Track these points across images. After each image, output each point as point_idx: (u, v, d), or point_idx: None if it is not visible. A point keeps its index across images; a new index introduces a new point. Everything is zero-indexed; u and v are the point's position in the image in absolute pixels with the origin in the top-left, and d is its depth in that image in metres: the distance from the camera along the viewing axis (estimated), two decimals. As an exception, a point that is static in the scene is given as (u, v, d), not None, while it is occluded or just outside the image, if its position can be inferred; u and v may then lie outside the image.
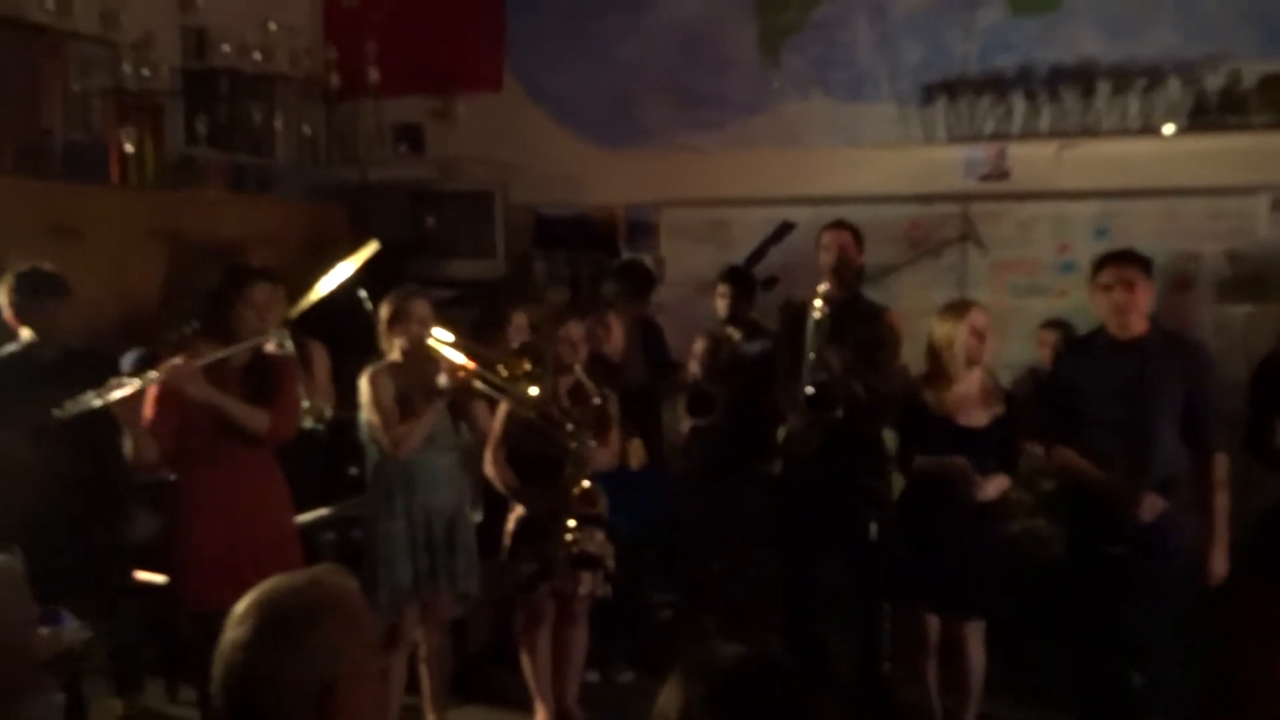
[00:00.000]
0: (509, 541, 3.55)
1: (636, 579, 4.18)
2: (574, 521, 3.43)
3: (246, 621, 1.36)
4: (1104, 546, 3.14)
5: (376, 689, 1.46)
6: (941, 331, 3.39)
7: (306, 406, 3.39)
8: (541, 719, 3.64)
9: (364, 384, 3.41)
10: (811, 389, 3.72)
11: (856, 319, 3.88)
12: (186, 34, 4.94)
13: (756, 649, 1.27)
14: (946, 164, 4.85)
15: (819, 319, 3.73)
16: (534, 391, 3.35)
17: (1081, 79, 4.64)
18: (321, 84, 5.49)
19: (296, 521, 3.50)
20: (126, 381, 3.02)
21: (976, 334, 3.34)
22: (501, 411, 3.54)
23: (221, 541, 3.17)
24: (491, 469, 3.55)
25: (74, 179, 4.31)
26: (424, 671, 3.59)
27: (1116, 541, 3.10)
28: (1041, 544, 3.94)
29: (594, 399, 3.51)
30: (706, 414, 4.23)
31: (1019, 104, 4.72)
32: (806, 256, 4.23)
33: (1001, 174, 4.82)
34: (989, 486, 3.29)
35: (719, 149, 5.20)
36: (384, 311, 3.47)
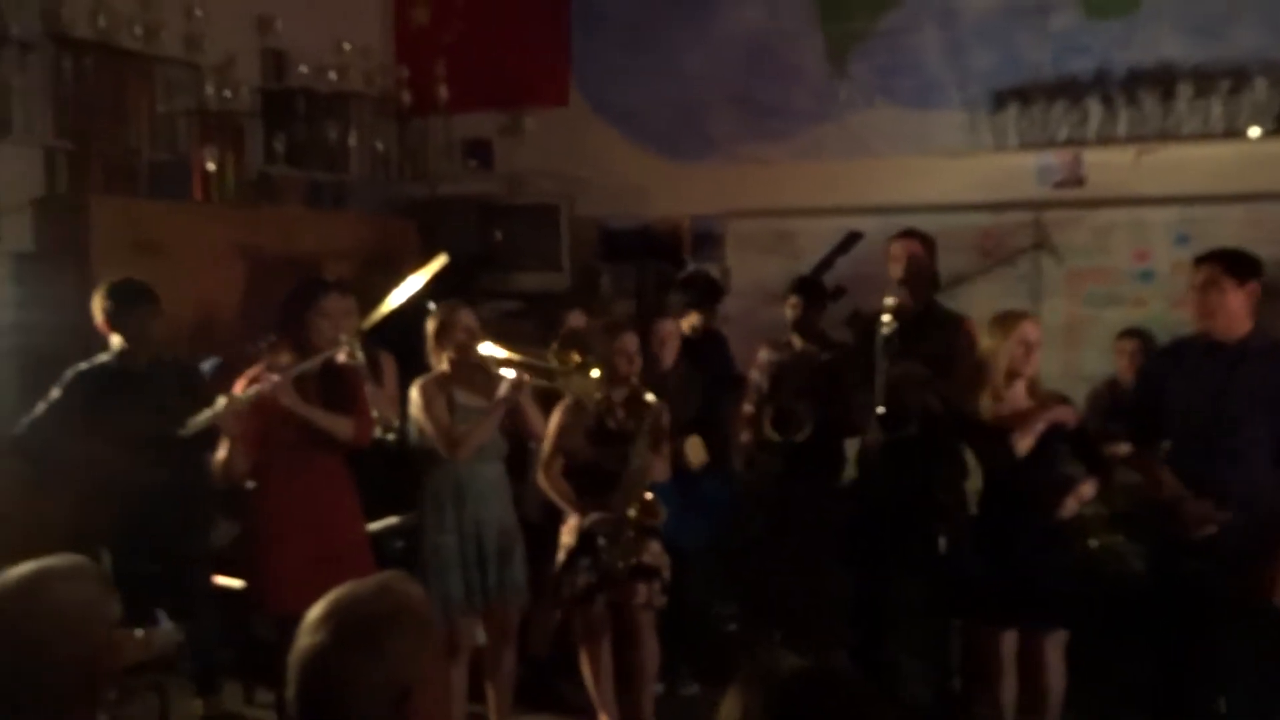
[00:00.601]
0: (564, 553, 3.56)
1: (702, 591, 4.16)
2: (634, 534, 3.43)
3: (324, 627, 1.39)
4: (1185, 565, 3.03)
5: (445, 695, 1.48)
6: (989, 342, 3.32)
7: (376, 416, 3.46)
8: (604, 729, 3.65)
9: (414, 395, 3.47)
10: (883, 409, 3.66)
11: (932, 328, 3.81)
12: (266, 56, 5.11)
13: (819, 662, 1.25)
14: (1019, 171, 4.76)
15: (887, 334, 3.67)
16: (596, 374, 3.36)
17: (1161, 82, 4.51)
18: (393, 102, 5.62)
19: (367, 529, 3.58)
20: (232, 398, 3.14)
21: (1025, 346, 3.26)
22: (554, 423, 3.56)
23: (301, 547, 3.26)
24: (546, 481, 3.56)
25: (159, 196, 4.49)
26: (490, 680, 3.62)
27: (1198, 559, 2.99)
28: (1119, 561, 3.82)
29: (649, 410, 3.50)
30: (795, 432, 4.19)
31: (1095, 109, 4.61)
32: (874, 266, 4.18)
33: (1077, 180, 4.71)
34: (1072, 502, 3.20)
35: (785, 159, 5.17)
36: (430, 324, 3.53)
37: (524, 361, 3.47)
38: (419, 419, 3.46)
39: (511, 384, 3.38)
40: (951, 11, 4.90)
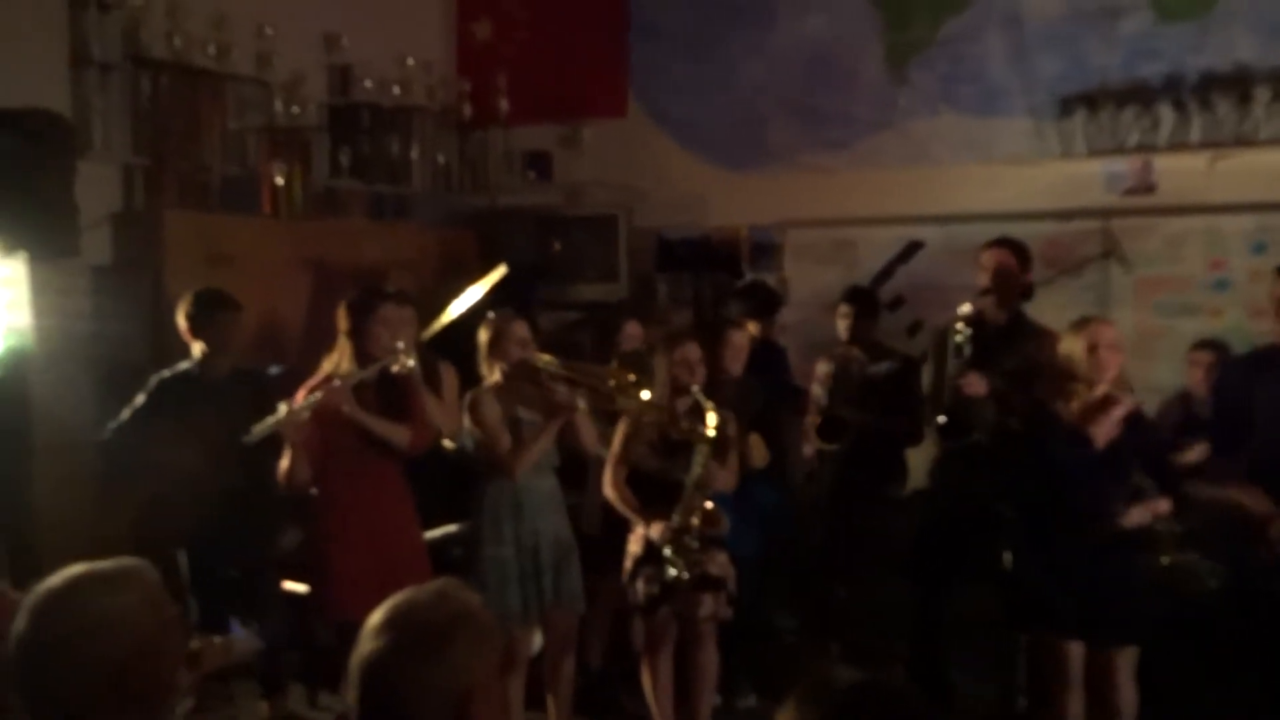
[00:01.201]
0: (630, 563, 3.56)
1: (761, 602, 4.13)
2: (698, 544, 3.42)
3: (385, 633, 1.41)
4: (1265, 584, 2.92)
5: (503, 702, 1.49)
6: (1063, 348, 3.25)
7: (436, 426, 3.51)
8: (663, 740, 3.64)
9: (468, 407, 3.50)
10: (944, 418, 3.60)
11: (1018, 341, 3.73)
12: (332, 72, 5.23)
13: (876, 676, 1.24)
14: (1086, 178, 4.66)
15: (959, 341, 3.61)
16: (646, 395, 3.36)
17: (1236, 85, 4.38)
18: (454, 115, 5.71)
19: (425, 537, 3.62)
20: (296, 404, 3.21)
21: (1095, 350, 3.18)
22: (621, 431, 3.57)
23: (361, 554, 3.32)
24: (611, 490, 3.57)
25: (230, 210, 4.62)
26: (549, 689, 3.64)
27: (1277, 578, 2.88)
28: (1193, 579, 3.69)
29: (711, 420, 3.49)
30: (838, 439, 4.15)
31: (1166, 114, 4.49)
32: (936, 276, 4.12)
33: (1147, 188, 4.59)
34: (1138, 514, 3.11)
35: (845, 168, 5.13)
36: (483, 336, 3.55)
37: (576, 378, 3.48)
38: (473, 431, 3.50)
39: (564, 403, 3.40)
40: (1016, 17, 4.81)
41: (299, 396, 3.32)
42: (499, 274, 4.48)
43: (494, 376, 3.53)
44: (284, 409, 3.20)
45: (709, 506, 3.43)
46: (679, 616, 3.53)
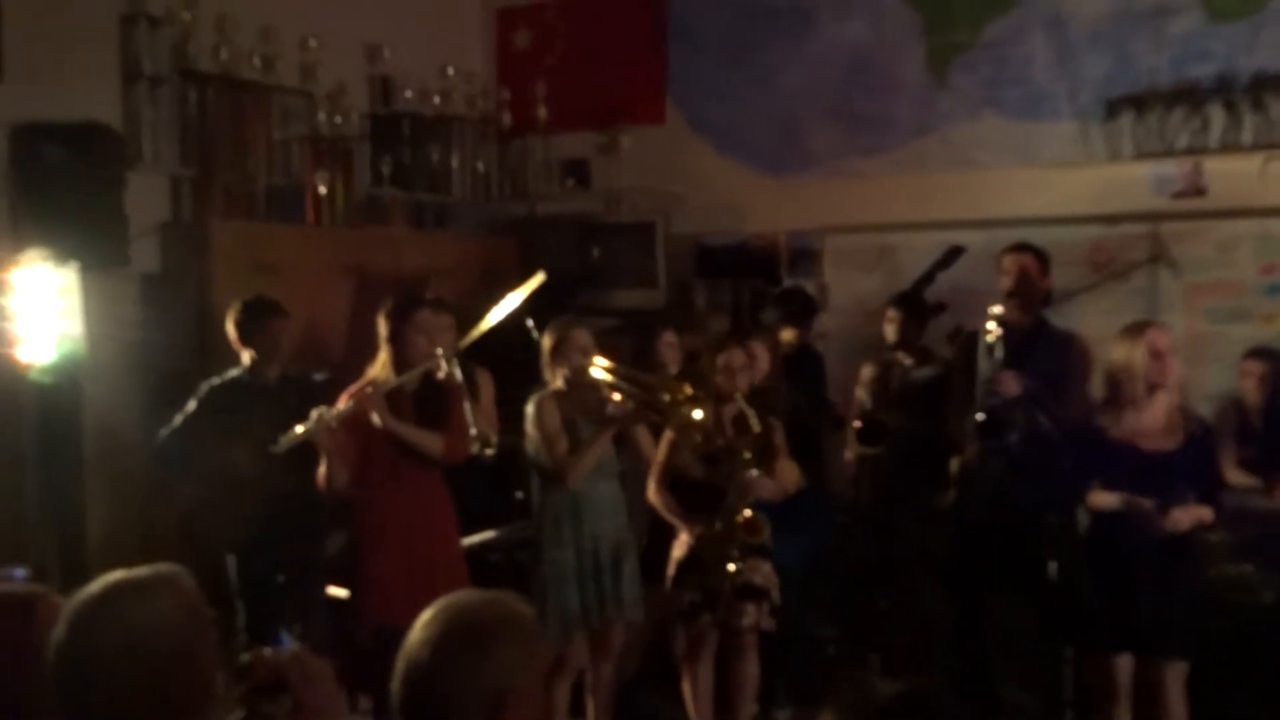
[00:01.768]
0: (673, 569, 3.56)
1: (801, 613, 4.09)
2: (738, 552, 3.40)
3: (434, 626, 1.44)
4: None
5: (543, 712, 1.50)
6: (1119, 354, 3.19)
7: (475, 434, 3.53)
8: (701, 749, 3.62)
9: (530, 412, 3.52)
10: (982, 415, 3.57)
11: (1041, 346, 3.69)
12: (373, 82, 5.30)
13: (914, 688, 1.22)
14: (1133, 182, 4.57)
15: (992, 341, 3.58)
16: (698, 415, 3.36)
17: (1290, 86, 4.28)
18: (494, 123, 5.74)
19: (464, 543, 3.64)
20: (325, 413, 3.24)
21: (1156, 355, 3.11)
22: (666, 437, 3.57)
23: (400, 560, 3.34)
24: (655, 496, 3.58)
25: (275, 220, 4.69)
26: (591, 698, 3.64)
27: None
28: (1247, 591, 3.60)
29: (756, 427, 3.48)
30: (878, 442, 4.11)
31: (1217, 115, 4.40)
32: (977, 282, 4.07)
33: (1197, 190, 4.49)
34: (1181, 517, 3.04)
35: (885, 173, 5.08)
36: (546, 341, 3.58)
37: (632, 390, 3.47)
38: (534, 436, 3.51)
39: (619, 413, 3.40)
40: (1060, 18, 4.74)
41: (340, 402, 3.35)
42: (536, 281, 4.50)
43: (556, 382, 3.55)
44: (315, 416, 3.22)
45: (749, 514, 3.41)
46: (721, 626, 3.52)
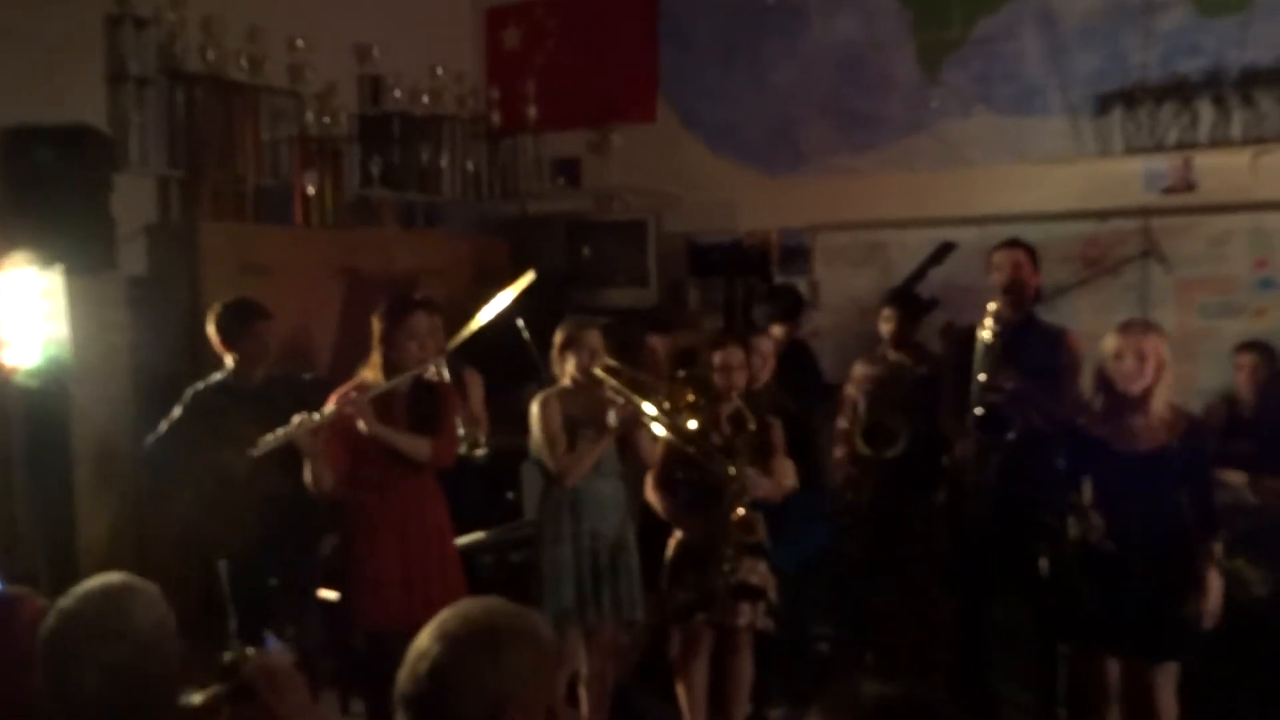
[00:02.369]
0: (668, 568, 3.54)
1: (796, 611, 4.08)
2: (733, 551, 3.39)
3: (453, 620, 1.46)
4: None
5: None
6: (1110, 351, 3.18)
7: (463, 434, 3.51)
8: (695, 748, 3.61)
9: (535, 408, 3.52)
10: (981, 410, 3.56)
11: (1033, 343, 3.69)
12: (362, 82, 5.27)
13: (904, 688, 1.21)
14: (1124, 177, 4.56)
15: (989, 338, 3.58)
16: (692, 425, 3.36)
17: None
18: (484, 123, 5.72)
19: (457, 545, 3.62)
20: (306, 417, 3.22)
21: (1143, 356, 3.10)
22: (664, 438, 3.55)
23: (392, 564, 3.32)
24: (653, 495, 3.58)
25: (264, 221, 4.66)
26: (584, 695, 3.62)
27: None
28: (1240, 587, 3.59)
29: (752, 426, 3.46)
30: (888, 447, 4.09)
31: (1206, 110, 4.39)
32: (969, 278, 4.06)
33: (1187, 186, 4.49)
34: (1211, 607, 3.03)
35: (876, 170, 5.07)
36: (558, 338, 3.57)
37: (632, 396, 3.45)
38: (538, 433, 3.50)
39: (622, 417, 3.40)
40: (1051, 15, 4.73)
41: (329, 403, 3.33)
42: (527, 280, 4.48)
43: (564, 380, 3.54)
44: (296, 420, 3.19)
45: (742, 513, 3.40)
46: (716, 625, 3.51)
